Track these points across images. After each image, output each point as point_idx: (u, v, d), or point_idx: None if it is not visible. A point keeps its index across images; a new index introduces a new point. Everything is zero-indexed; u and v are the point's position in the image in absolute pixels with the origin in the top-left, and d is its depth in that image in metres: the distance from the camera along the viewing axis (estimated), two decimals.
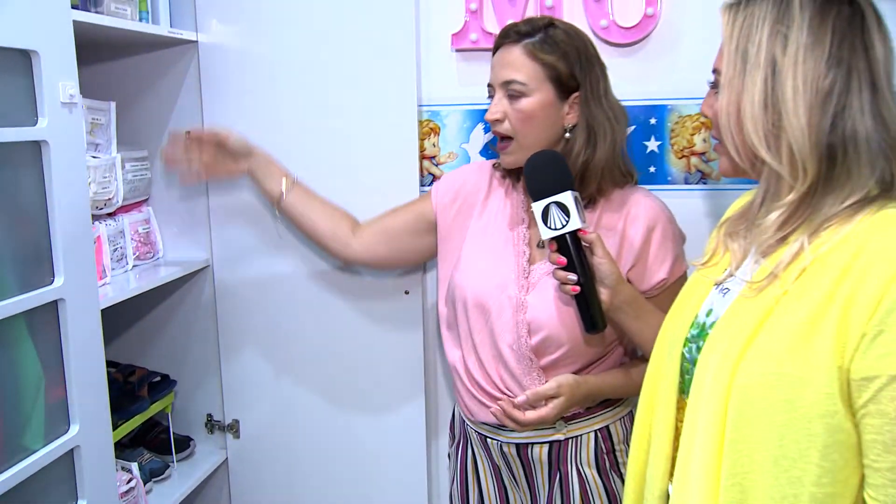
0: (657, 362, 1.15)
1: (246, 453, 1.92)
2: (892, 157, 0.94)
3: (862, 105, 0.93)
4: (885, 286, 0.85)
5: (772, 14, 0.95)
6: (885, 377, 0.85)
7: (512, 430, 1.44)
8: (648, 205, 1.41)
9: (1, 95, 1.18)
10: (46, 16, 1.23)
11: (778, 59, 0.94)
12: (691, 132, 1.66)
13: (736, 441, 0.94)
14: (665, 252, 1.40)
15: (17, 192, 1.22)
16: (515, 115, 1.37)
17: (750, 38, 0.96)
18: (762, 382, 0.92)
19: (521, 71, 1.36)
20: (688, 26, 1.62)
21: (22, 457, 1.21)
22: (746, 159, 1.00)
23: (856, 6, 0.95)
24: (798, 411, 0.90)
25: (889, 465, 0.86)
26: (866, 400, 0.87)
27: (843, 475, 0.90)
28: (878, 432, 0.87)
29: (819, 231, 0.94)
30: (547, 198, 1.26)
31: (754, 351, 0.94)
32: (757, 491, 0.93)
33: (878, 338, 0.85)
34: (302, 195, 1.59)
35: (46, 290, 1.25)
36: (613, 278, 1.28)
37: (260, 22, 1.72)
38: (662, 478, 1.10)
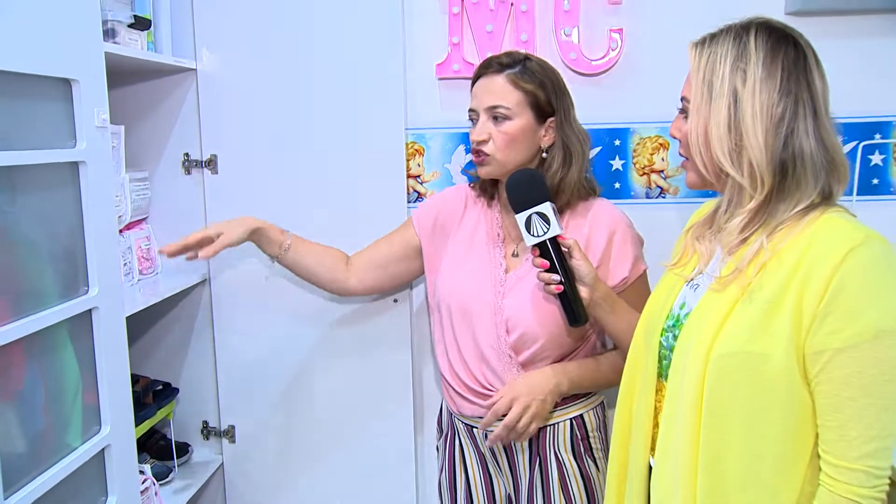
0: (636, 351, 1.32)
1: (241, 458, 2.01)
2: (831, 171, 1.13)
3: (807, 128, 1.11)
4: (830, 277, 1.04)
5: (732, 52, 1.14)
6: (832, 351, 1.04)
7: (497, 422, 1.58)
8: (609, 213, 1.59)
9: (45, 120, 1.29)
10: (83, 47, 1.33)
11: (739, 90, 1.12)
12: (651, 152, 1.87)
13: (712, 410, 1.11)
14: (625, 253, 1.58)
15: (59, 208, 1.32)
16: (500, 137, 1.53)
17: (714, 71, 1.14)
18: (732, 360, 1.10)
19: (506, 97, 1.52)
20: (646, 59, 1.83)
21: (65, 453, 1.30)
22: (713, 173, 1.17)
23: (799, 48, 1.14)
24: (763, 382, 1.08)
25: (838, 424, 1.05)
26: (818, 370, 1.06)
27: (801, 435, 1.09)
28: (827, 396, 1.05)
29: (775, 232, 1.12)
30: (529, 209, 1.42)
31: (724, 334, 1.11)
32: (730, 451, 1.11)
33: (826, 319, 1.04)
34: (297, 250, 1.68)
35: (83, 299, 1.34)
36: (591, 277, 1.44)
37: (256, 51, 1.85)
38: (644, 452, 1.27)
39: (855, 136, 1.83)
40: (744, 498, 1.11)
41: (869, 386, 1.03)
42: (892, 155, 1.84)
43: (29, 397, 1.24)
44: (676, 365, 1.18)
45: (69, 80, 1.30)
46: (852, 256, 1.04)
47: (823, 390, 1.06)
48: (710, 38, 1.17)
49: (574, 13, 1.81)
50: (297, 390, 1.97)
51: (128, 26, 1.61)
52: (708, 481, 1.12)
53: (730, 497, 1.11)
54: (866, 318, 1.03)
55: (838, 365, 1.04)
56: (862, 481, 1.03)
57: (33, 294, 1.25)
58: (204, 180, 1.91)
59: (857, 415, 1.03)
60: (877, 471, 1.03)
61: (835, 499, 1.05)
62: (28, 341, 1.21)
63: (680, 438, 1.16)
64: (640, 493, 1.28)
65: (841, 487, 1.05)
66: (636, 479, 1.29)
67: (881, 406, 1.03)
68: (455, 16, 1.83)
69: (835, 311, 1.04)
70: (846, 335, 1.03)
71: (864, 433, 1.03)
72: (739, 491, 1.11)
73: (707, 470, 1.12)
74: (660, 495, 1.21)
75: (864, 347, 1.02)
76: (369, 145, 1.85)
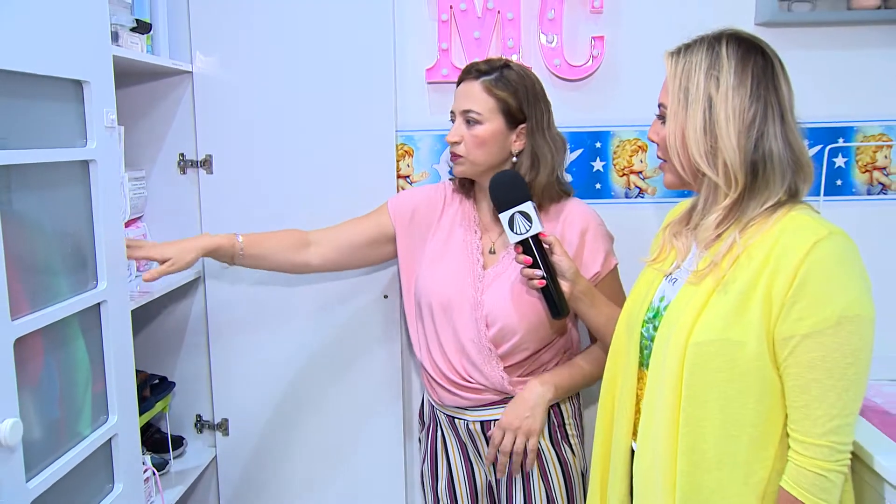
0: (618, 343, 1.41)
1: (234, 450, 2.07)
2: (797, 171, 1.22)
3: (775, 131, 1.21)
4: (796, 269, 1.13)
5: (706, 61, 1.23)
6: (799, 336, 1.13)
7: (476, 409, 1.67)
8: (580, 211, 1.68)
9: (58, 120, 1.34)
10: (93, 49, 1.38)
11: (713, 96, 1.21)
12: (630, 154, 1.97)
13: (690, 395, 1.20)
14: (597, 249, 1.66)
15: (70, 205, 1.37)
16: (471, 139, 1.62)
17: (690, 79, 1.23)
18: (709, 347, 1.19)
19: (478, 103, 1.61)
20: (626, 66, 1.93)
21: (77, 441, 1.35)
22: (690, 174, 1.26)
23: (767, 57, 1.24)
24: (738, 367, 1.17)
25: (804, 403, 1.14)
26: (786, 355, 1.15)
27: (773, 416, 1.18)
28: (795, 379, 1.15)
29: (746, 228, 1.21)
30: (511, 208, 1.50)
31: (701, 324, 1.20)
32: (708, 433, 1.20)
33: (793, 307, 1.13)
34: (250, 252, 1.71)
35: (93, 292, 1.39)
36: (572, 272, 1.52)
37: (250, 55, 1.92)
38: (626, 437, 1.36)
39: (821, 140, 1.94)
40: (720, 476, 1.19)
41: (832, 368, 1.11)
42: (855, 158, 1.96)
43: (46, 386, 1.29)
44: (657, 354, 1.27)
45: (81, 81, 1.35)
46: (817, 249, 1.13)
47: (791, 373, 1.15)
48: (684, 47, 1.26)
49: (558, 21, 1.90)
50: (289, 384, 2.03)
51: (129, 30, 1.65)
52: (687, 462, 1.20)
53: (707, 476, 1.20)
54: (830, 306, 1.11)
55: (805, 349, 1.13)
56: (826, 455, 1.12)
57: (48, 288, 1.30)
58: (199, 180, 1.97)
59: (821, 395, 1.12)
60: (839, 446, 1.12)
61: (802, 472, 1.14)
62: (44, 333, 1.26)
63: (660, 423, 1.24)
64: (623, 475, 1.37)
65: (807, 462, 1.13)
66: (619, 463, 1.37)
67: (843, 387, 1.12)
68: (444, 23, 1.91)
69: (801, 299, 1.13)
70: (812, 322, 1.12)
71: (828, 411, 1.12)
72: (716, 470, 1.19)
73: (686, 451, 1.20)
74: (642, 477, 1.30)
75: (827, 333, 1.11)
76: (360, 146, 1.92)
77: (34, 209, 1.28)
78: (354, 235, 1.77)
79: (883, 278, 1.92)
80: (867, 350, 1.13)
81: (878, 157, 1.96)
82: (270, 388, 2.04)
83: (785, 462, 1.17)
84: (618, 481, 1.38)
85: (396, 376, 2.02)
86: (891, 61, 1.91)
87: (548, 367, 1.69)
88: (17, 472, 1.16)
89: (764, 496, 1.18)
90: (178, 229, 1.98)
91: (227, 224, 1.95)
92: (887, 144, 1.95)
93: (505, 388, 1.64)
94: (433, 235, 1.75)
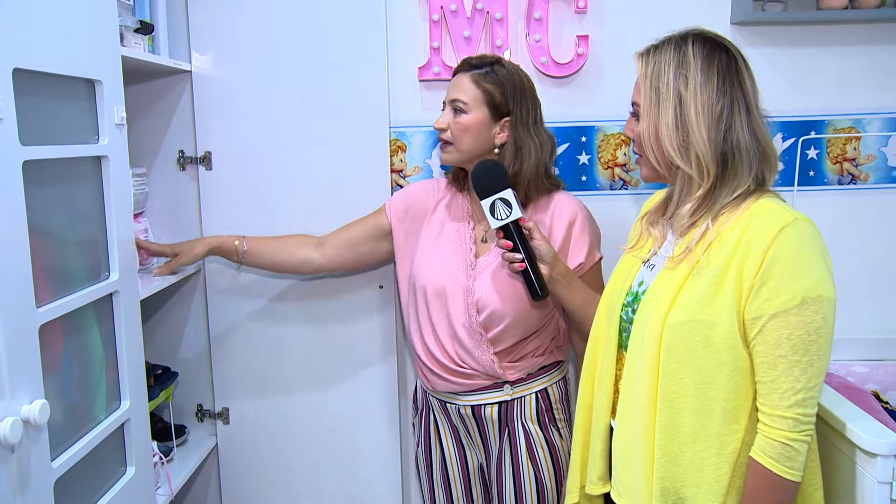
0: (599, 326, 1.48)
1: (235, 439, 2.13)
2: (763, 160, 1.30)
3: (742, 123, 1.28)
4: (764, 253, 1.21)
5: (674, 60, 1.30)
6: (766, 316, 1.21)
7: (467, 394, 1.75)
8: (569, 204, 1.75)
9: (71, 118, 1.39)
10: (104, 50, 1.44)
11: (682, 93, 1.28)
12: (614, 148, 2.05)
13: (667, 373, 1.28)
14: (583, 242, 1.74)
15: (84, 199, 1.43)
16: (455, 126, 1.70)
17: (660, 78, 1.31)
18: (684, 327, 1.26)
19: (465, 93, 1.69)
20: (610, 63, 2.02)
21: (94, 425, 1.41)
22: (665, 167, 1.34)
23: (731, 54, 1.32)
24: (711, 346, 1.25)
25: (771, 378, 1.22)
26: (755, 334, 1.23)
27: (744, 391, 1.25)
28: (763, 356, 1.22)
29: (718, 216, 1.29)
30: (492, 195, 1.57)
31: (677, 306, 1.28)
32: (684, 408, 1.27)
33: (761, 288, 1.21)
34: (253, 253, 1.87)
35: (107, 283, 1.45)
36: (551, 256, 1.59)
37: (248, 54, 1.98)
38: (606, 415, 1.43)
39: (794, 133, 2.04)
40: (696, 449, 1.27)
41: (797, 345, 1.19)
42: (826, 150, 2.06)
43: (66, 372, 1.35)
44: (636, 335, 1.34)
45: (94, 80, 1.41)
46: (783, 235, 1.21)
47: (760, 350, 1.23)
48: (653, 48, 1.34)
49: (544, 21, 1.98)
50: (288, 374, 2.10)
51: (133, 31, 1.71)
52: (665, 436, 1.28)
53: (684, 450, 1.27)
54: (794, 287, 1.19)
55: (772, 328, 1.21)
56: (791, 426, 1.20)
57: (66, 278, 1.36)
58: (198, 176, 2.02)
59: (787, 370, 1.20)
60: (804, 417, 1.20)
61: (770, 442, 1.22)
62: (64, 321, 1.32)
63: (639, 400, 1.32)
64: (603, 452, 1.44)
65: (774, 433, 1.21)
66: (598, 440, 1.44)
67: (806, 362, 1.20)
68: (435, 23, 1.99)
69: (768, 281, 1.21)
70: (778, 302, 1.20)
71: (793, 385, 1.20)
72: (692, 443, 1.27)
73: (664, 427, 1.28)
74: (620, 452, 1.38)
75: (792, 312, 1.19)
76: (355, 142, 1.99)
77: (53, 203, 1.33)
78: (353, 233, 1.87)
79: (851, 264, 2.06)
80: (828, 328, 1.21)
81: (847, 149, 2.06)
82: (269, 377, 2.10)
83: (754, 434, 1.25)
84: (597, 458, 1.45)
85: (392, 364, 2.09)
86: (859, 58, 2.01)
87: (535, 353, 1.76)
88: (44, 451, 1.22)
89: (736, 466, 1.26)
90: (178, 224, 2.04)
91: (226, 219, 2.03)
92: (856, 137, 2.05)
93: (495, 371, 1.71)
94: (427, 226, 1.82)
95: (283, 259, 1.88)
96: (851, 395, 1.65)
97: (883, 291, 2.09)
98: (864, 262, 2.08)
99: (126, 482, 1.51)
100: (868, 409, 1.56)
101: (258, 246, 1.87)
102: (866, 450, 1.33)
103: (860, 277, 2.08)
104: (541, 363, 1.78)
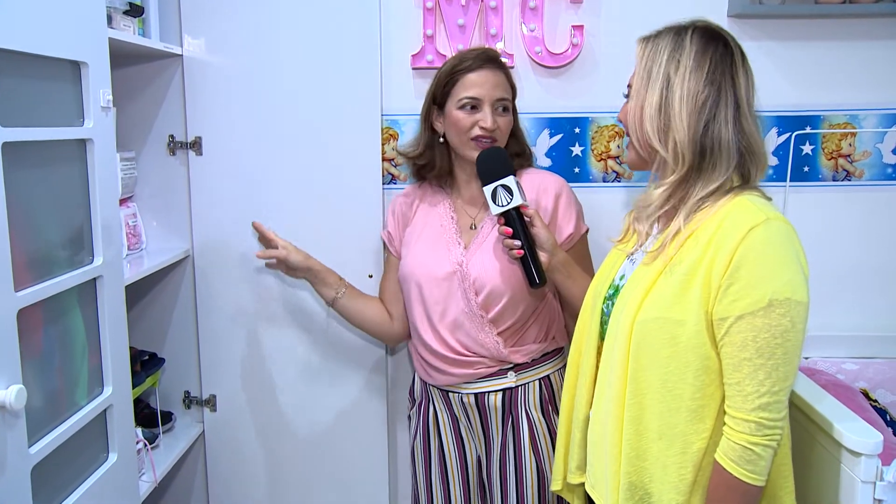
0: (584, 317, 1.48)
1: (221, 426, 2.12)
2: (748, 157, 1.29)
3: (727, 117, 1.26)
4: (732, 253, 1.19)
5: (670, 45, 1.30)
6: (733, 317, 1.19)
7: (470, 383, 1.75)
8: (552, 179, 1.79)
9: (55, 100, 1.38)
10: (91, 31, 1.42)
11: (671, 77, 1.28)
12: (608, 139, 2.04)
13: (636, 369, 1.28)
14: (570, 213, 1.76)
15: (67, 183, 1.42)
16: (504, 126, 1.74)
17: (654, 60, 1.30)
18: (652, 325, 1.26)
19: (507, 91, 1.75)
20: (604, 54, 2.00)
21: (74, 410, 1.40)
22: (644, 149, 1.33)
23: (729, 47, 1.30)
24: (678, 345, 1.24)
25: (736, 381, 1.20)
26: (722, 334, 1.21)
27: (710, 391, 1.24)
28: (729, 357, 1.21)
29: (693, 214, 1.28)
30: (494, 182, 1.58)
31: (648, 302, 1.27)
32: (651, 406, 1.27)
33: (729, 289, 1.20)
34: (350, 298, 1.88)
35: (90, 267, 1.44)
36: (550, 244, 1.59)
37: (239, 39, 1.96)
38: (585, 406, 1.43)
39: (789, 127, 2.02)
40: (660, 446, 1.26)
41: (762, 348, 1.17)
42: (821, 146, 2.05)
43: (46, 357, 1.34)
44: (611, 328, 1.34)
45: (79, 62, 1.39)
46: (752, 234, 1.19)
47: (726, 352, 1.21)
48: (655, 34, 1.33)
49: (539, 10, 1.96)
50: (276, 362, 2.09)
51: (123, 13, 1.69)
52: (632, 432, 1.28)
53: (650, 446, 1.27)
54: (761, 289, 1.17)
55: (738, 330, 1.19)
56: (753, 430, 1.18)
57: (48, 262, 1.35)
58: (189, 161, 2.00)
59: (752, 373, 1.18)
60: (768, 422, 1.18)
61: (732, 445, 1.20)
62: (45, 305, 1.31)
63: (610, 395, 1.32)
64: (581, 442, 1.45)
65: (737, 436, 1.20)
66: (577, 430, 1.45)
67: (771, 366, 1.18)
68: (429, 10, 1.96)
69: (736, 282, 1.19)
70: (744, 304, 1.18)
71: (758, 389, 1.18)
72: (658, 440, 1.26)
73: (631, 422, 1.28)
74: (594, 444, 1.39)
75: (758, 315, 1.17)
76: (347, 130, 1.97)
77: (35, 186, 1.32)
78: (392, 285, 1.89)
79: (844, 260, 2.04)
80: (797, 332, 1.18)
81: (843, 144, 2.04)
82: (257, 365, 2.09)
83: (721, 435, 1.24)
84: (576, 448, 1.45)
85: (381, 354, 2.08)
86: (856, 53, 1.99)
87: (537, 338, 1.76)
88: (21, 437, 1.21)
89: (701, 466, 1.25)
90: (168, 209, 2.03)
91: (216, 205, 2.01)
92: (851, 132, 2.04)
93: (500, 352, 1.71)
94: (411, 226, 1.85)
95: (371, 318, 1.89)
96: (840, 393, 1.64)
97: (875, 289, 2.07)
98: (857, 258, 2.07)
99: (108, 468, 1.50)
100: (856, 408, 1.56)
101: (353, 298, 1.89)
102: (851, 449, 1.32)
103: (852, 274, 2.07)
104: (543, 349, 1.78)
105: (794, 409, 1.49)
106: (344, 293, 1.87)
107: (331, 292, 1.87)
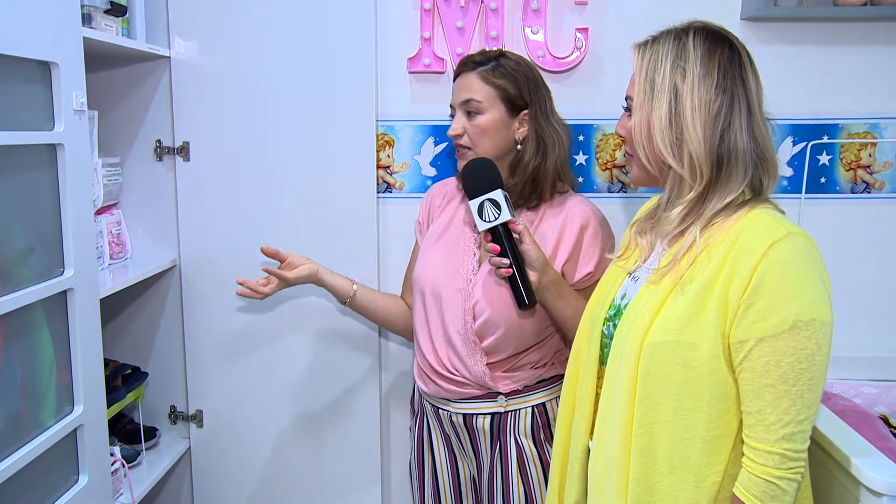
0: (581, 339, 1.38)
1: (208, 442, 2.04)
2: (761, 165, 1.20)
3: (741, 124, 1.18)
4: (752, 271, 1.10)
5: (672, 52, 1.20)
6: (753, 340, 1.10)
7: (458, 401, 1.66)
8: (583, 208, 1.65)
9: (23, 102, 1.30)
10: (63, 31, 1.35)
11: (679, 87, 1.18)
12: (613, 148, 1.95)
13: (644, 396, 1.18)
14: (594, 249, 1.63)
15: (36, 190, 1.34)
16: (472, 130, 1.60)
17: (656, 70, 1.20)
18: (663, 349, 1.16)
19: (477, 92, 1.59)
20: (611, 58, 1.91)
21: (39, 431, 1.32)
22: (656, 167, 1.23)
23: (734, 49, 1.21)
24: (692, 370, 1.14)
25: (757, 409, 1.11)
26: (741, 359, 1.12)
27: (726, 420, 1.15)
28: (749, 383, 1.12)
29: (708, 227, 1.18)
30: (481, 196, 1.49)
31: (658, 324, 1.17)
32: (661, 436, 1.17)
33: (748, 310, 1.10)
34: (366, 295, 1.79)
35: (59, 279, 1.36)
36: (540, 262, 1.50)
37: (229, 41, 1.88)
38: (584, 436, 1.33)
39: (805, 136, 1.92)
40: (672, 479, 1.16)
41: (786, 374, 1.09)
42: (839, 156, 1.94)
43: (7, 375, 1.26)
44: (614, 353, 1.24)
45: (49, 63, 1.32)
46: (773, 251, 1.10)
47: (745, 377, 1.12)
48: (651, 39, 1.24)
49: (542, 12, 1.87)
50: (265, 375, 2.01)
51: (104, 12, 1.62)
52: (640, 465, 1.18)
53: (660, 480, 1.17)
54: (784, 309, 1.09)
55: (759, 353, 1.10)
56: (777, 463, 1.09)
57: (11, 274, 1.27)
58: (176, 167, 1.93)
59: (774, 400, 1.09)
60: (792, 453, 1.09)
61: (752, 479, 1.11)
62: (5, 321, 1.23)
63: (615, 424, 1.21)
64: (580, 474, 1.34)
65: (759, 469, 1.11)
66: (576, 462, 1.34)
67: (796, 392, 1.09)
68: (427, 11, 1.88)
69: (756, 302, 1.10)
70: (766, 326, 1.09)
71: (782, 418, 1.09)
72: (668, 473, 1.16)
73: (639, 454, 1.18)
74: (596, 477, 1.27)
75: (781, 337, 1.08)
76: (340, 136, 1.89)
77: None
78: None
79: (862, 277, 1.94)
80: (822, 355, 1.10)
81: (862, 155, 1.94)
82: (245, 379, 2.01)
83: (739, 468, 1.15)
84: (574, 480, 1.35)
85: (374, 365, 2.00)
86: (877, 58, 1.89)
87: (535, 365, 1.66)
88: None
89: (716, 501, 1.16)
90: (154, 217, 1.95)
91: (204, 212, 1.94)
92: (872, 143, 1.93)
93: (486, 382, 1.62)
94: (434, 223, 1.76)
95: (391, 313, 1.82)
96: (858, 420, 1.54)
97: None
98: (877, 275, 1.96)
99: (78, 491, 1.43)
100: (876, 436, 1.46)
101: (368, 294, 1.80)
102: (871, 488, 1.22)
103: (871, 292, 1.96)
104: (539, 376, 1.67)
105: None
106: (358, 290, 1.77)
107: (345, 290, 1.76)
